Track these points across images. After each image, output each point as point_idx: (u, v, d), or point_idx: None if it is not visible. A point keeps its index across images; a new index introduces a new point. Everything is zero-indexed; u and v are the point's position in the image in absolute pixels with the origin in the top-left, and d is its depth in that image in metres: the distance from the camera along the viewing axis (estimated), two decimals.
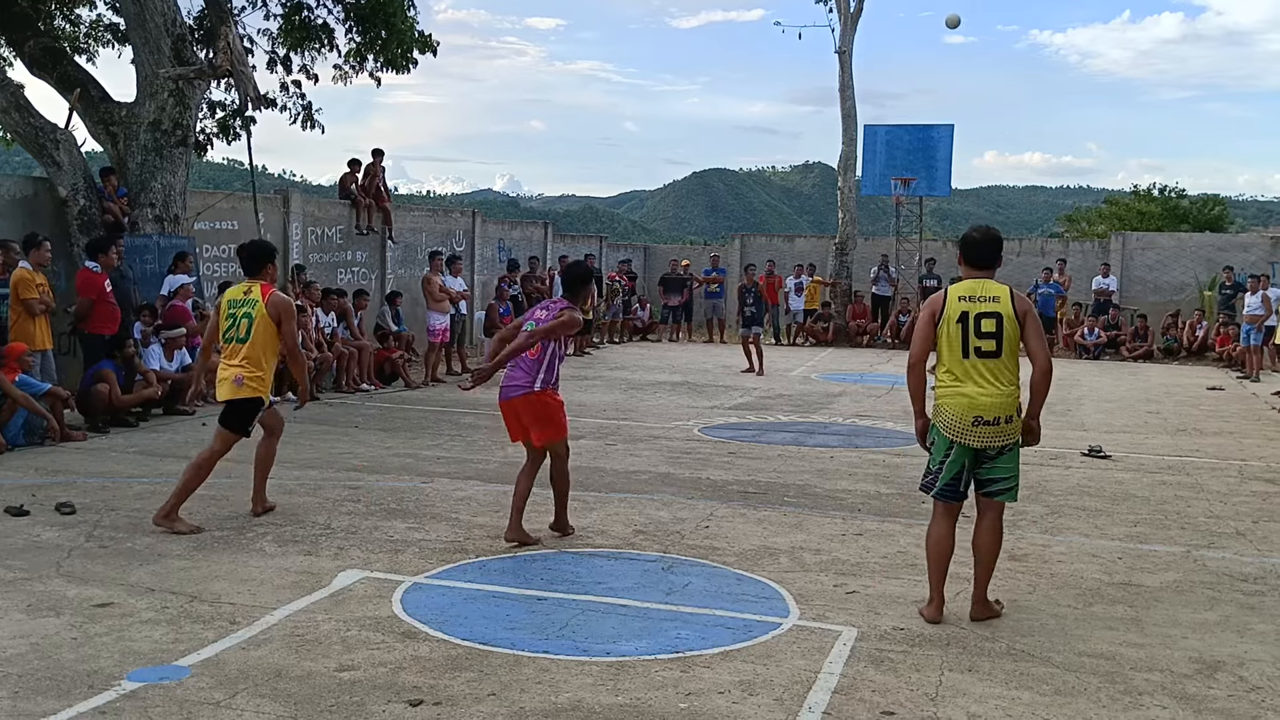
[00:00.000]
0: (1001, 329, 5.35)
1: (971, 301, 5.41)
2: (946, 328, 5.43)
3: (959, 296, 5.45)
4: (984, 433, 5.37)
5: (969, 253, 5.59)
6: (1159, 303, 23.82)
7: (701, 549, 6.75)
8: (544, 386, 6.77)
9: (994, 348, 5.36)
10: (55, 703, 4.26)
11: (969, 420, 5.37)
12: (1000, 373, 5.37)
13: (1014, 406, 5.39)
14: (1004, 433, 5.39)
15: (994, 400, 5.34)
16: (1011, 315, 5.36)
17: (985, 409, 5.34)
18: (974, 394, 5.36)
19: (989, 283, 5.48)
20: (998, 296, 5.41)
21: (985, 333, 5.36)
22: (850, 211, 25.90)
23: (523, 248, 22.80)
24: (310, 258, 16.70)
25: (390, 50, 16.01)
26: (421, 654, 4.88)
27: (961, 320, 5.39)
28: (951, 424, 5.42)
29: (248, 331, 7.09)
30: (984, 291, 5.43)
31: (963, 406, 5.38)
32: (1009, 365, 5.40)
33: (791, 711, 4.35)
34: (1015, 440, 5.46)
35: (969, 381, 5.38)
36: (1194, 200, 44.38)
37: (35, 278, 10.34)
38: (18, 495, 7.68)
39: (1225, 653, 5.15)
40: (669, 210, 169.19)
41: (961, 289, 5.49)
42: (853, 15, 25.36)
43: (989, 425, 5.36)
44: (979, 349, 5.37)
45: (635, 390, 15.09)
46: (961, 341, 5.39)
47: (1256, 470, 9.95)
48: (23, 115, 12.64)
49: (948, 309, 5.44)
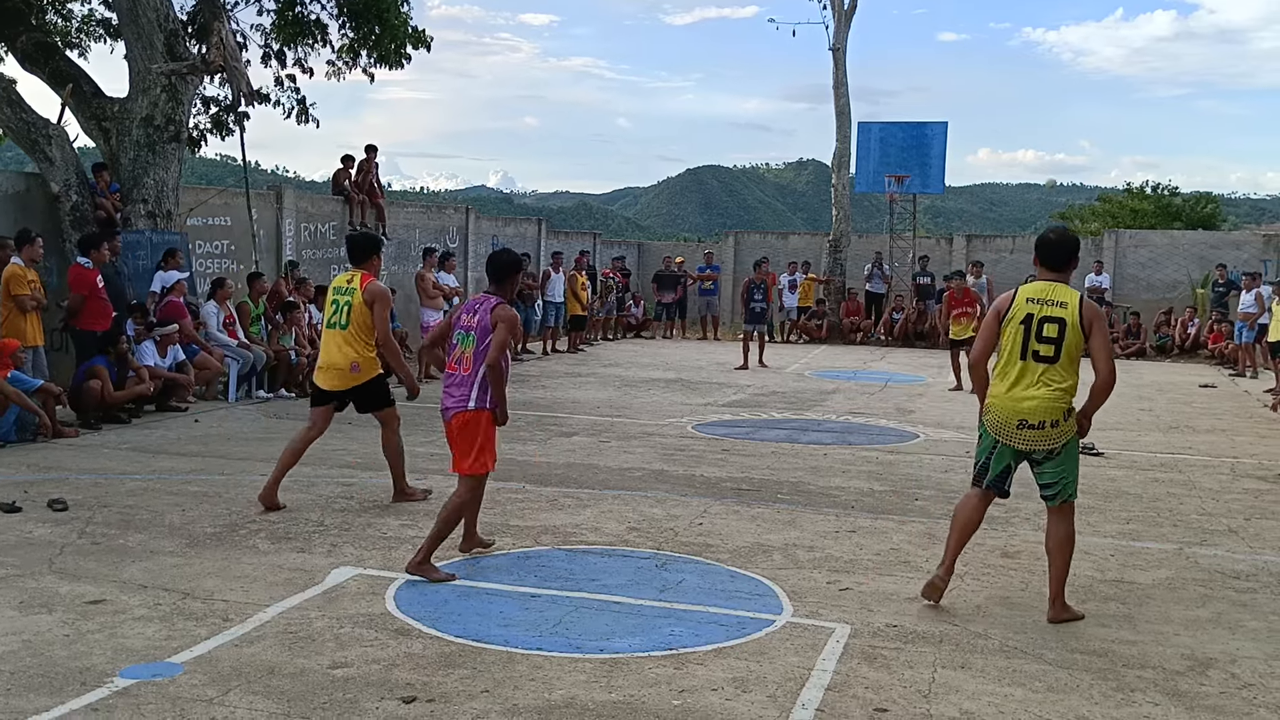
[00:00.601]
0: (1063, 335, 5.33)
1: (1039, 304, 5.39)
2: (1009, 327, 5.44)
3: (1027, 298, 5.44)
4: (1028, 436, 5.40)
5: (1044, 253, 5.53)
6: (1152, 300, 23.87)
7: (695, 546, 6.75)
8: (478, 406, 5.98)
9: (1052, 353, 5.35)
10: (48, 700, 4.25)
11: (1014, 423, 5.41)
12: (1053, 377, 5.36)
13: (1060, 411, 5.36)
14: (1049, 436, 5.38)
15: (1040, 404, 5.35)
16: (1076, 323, 5.32)
17: (1030, 412, 5.36)
18: (1021, 396, 5.39)
19: (1060, 287, 5.44)
20: (1065, 302, 5.37)
21: (1046, 337, 5.35)
22: (844, 209, 25.92)
23: (516, 244, 22.77)
24: (303, 254, 16.67)
25: (384, 46, 15.98)
26: (415, 651, 4.87)
27: (1025, 322, 5.39)
28: (997, 424, 5.47)
29: (347, 318, 7.37)
30: (1053, 295, 5.40)
31: (1008, 409, 5.42)
32: (1064, 371, 5.37)
33: (785, 708, 4.35)
34: (1062, 444, 5.42)
35: (1020, 384, 5.40)
36: (1187, 198, 44.52)
37: (27, 274, 10.31)
38: (10, 492, 7.66)
39: (1217, 649, 5.17)
40: (663, 207, 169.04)
41: (1031, 290, 5.48)
42: (847, 12, 25.37)
43: (1033, 429, 5.38)
44: (1037, 352, 5.37)
45: (629, 387, 15.09)
46: (1022, 343, 5.39)
47: (1249, 467, 9.98)
48: (14, 110, 12.60)
49: (1014, 309, 5.45)
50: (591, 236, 29.12)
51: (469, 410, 5.96)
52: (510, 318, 5.95)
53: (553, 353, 20.07)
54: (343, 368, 7.40)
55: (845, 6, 25.35)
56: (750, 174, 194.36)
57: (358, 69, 16.40)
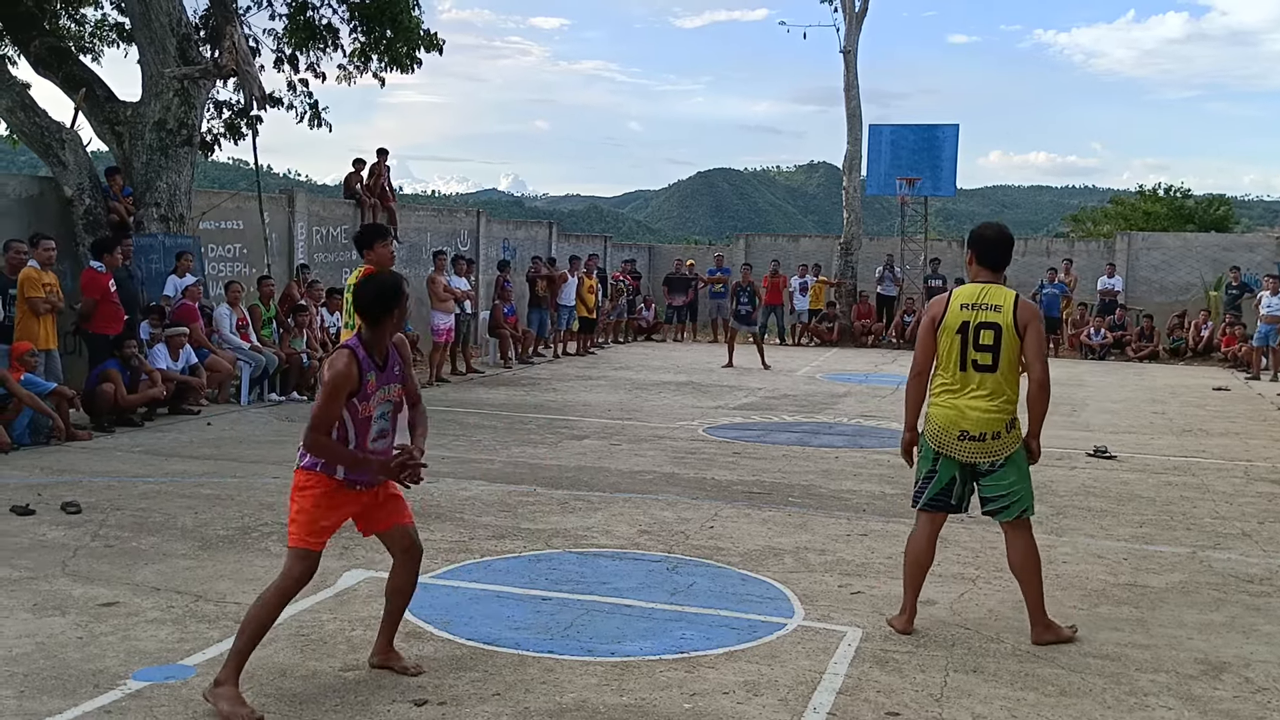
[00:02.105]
0: (1000, 341, 5.11)
1: (973, 310, 5.16)
2: (945, 337, 5.21)
3: (961, 304, 5.21)
4: (969, 447, 5.18)
5: (983, 250, 5.28)
6: (1165, 303, 23.77)
7: (706, 549, 6.74)
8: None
9: (990, 361, 5.12)
10: (61, 702, 4.26)
11: (955, 434, 5.19)
12: (995, 387, 5.14)
13: (1003, 422, 5.15)
14: (990, 449, 5.16)
15: (982, 415, 5.14)
16: (1011, 326, 5.09)
17: (972, 424, 5.15)
18: (963, 407, 5.17)
19: (993, 288, 5.20)
20: (999, 305, 5.14)
21: (983, 345, 5.13)
22: (855, 211, 25.88)
23: (527, 247, 22.81)
24: (315, 257, 16.71)
25: (395, 49, 16.02)
26: (426, 654, 4.87)
27: (961, 330, 5.17)
28: (937, 435, 5.25)
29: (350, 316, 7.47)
30: (987, 299, 5.16)
31: (950, 419, 5.20)
32: (1005, 379, 5.14)
33: (796, 712, 4.34)
34: (1007, 456, 5.19)
35: (961, 394, 5.18)
36: (1199, 200, 44.33)
37: (42, 277, 10.35)
38: (24, 494, 7.69)
39: (1231, 654, 5.14)
40: (673, 210, 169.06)
41: (964, 295, 5.24)
42: (858, 15, 25.35)
43: (974, 440, 5.16)
44: (976, 362, 5.15)
45: (640, 390, 15.09)
46: (960, 353, 5.17)
47: (1263, 471, 9.93)
48: (28, 115, 12.67)
49: (948, 317, 5.21)
50: (602, 239, 29.13)
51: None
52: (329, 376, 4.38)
53: (563, 356, 20.10)
54: None
55: (856, 9, 25.33)
56: (761, 177, 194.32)
57: (369, 73, 16.46)
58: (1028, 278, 23.77)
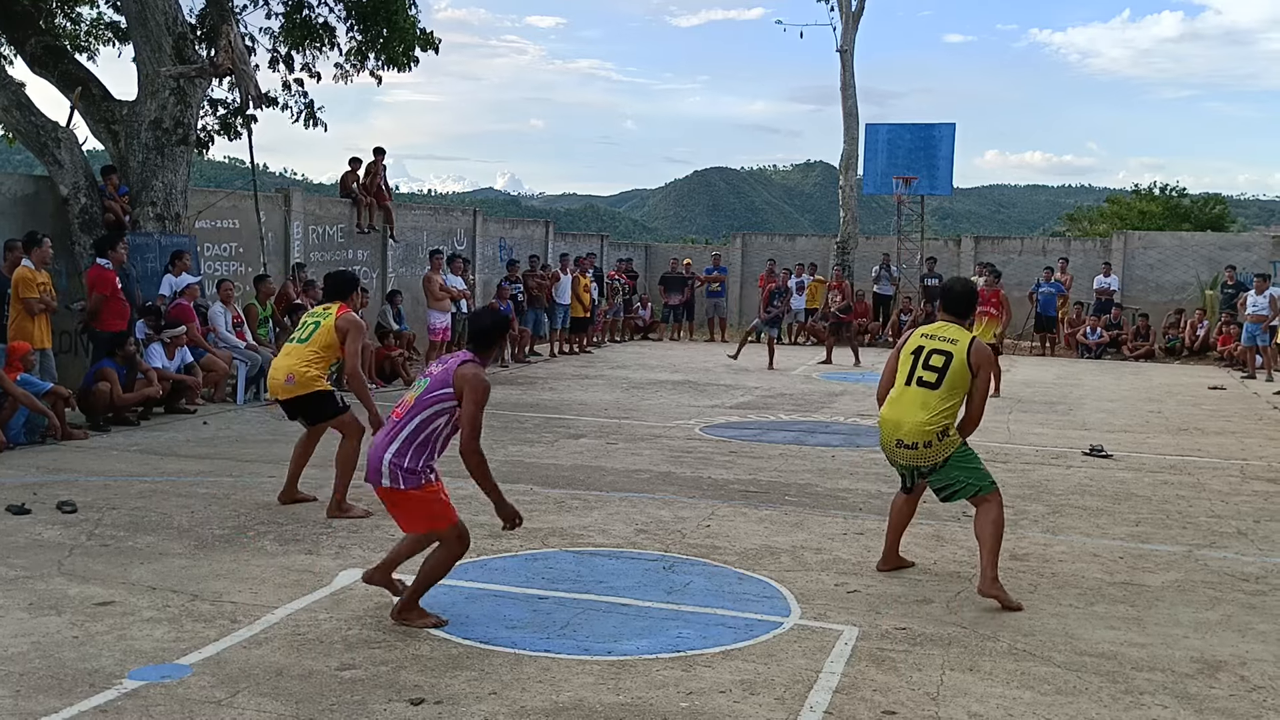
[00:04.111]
0: (948, 366, 5.73)
1: (930, 339, 5.86)
2: (902, 356, 5.91)
3: (922, 334, 5.94)
4: (904, 454, 5.85)
5: (947, 301, 6.04)
6: (1160, 302, 23.79)
7: (703, 548, 6.74)
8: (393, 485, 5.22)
9: (934, 379, 5.75)
10: (57, 701, 4.26)
11: (892, 441, 5.87)
12: (930, 402, 5.73)
13: (934, 433, 5.73)
14: (923, 455, 5.79)
15: (915, 427, 5.73)
16: (964, 357, 5.72)
17: (906, 433, 5.78)
18: (899, 418, 5.81)
19: (955, 328, 5.89)
20: (957, 340, 5.79)
21: (931, 365, 5.77)
22: (852, 210, 25.90)
23: (524, 247, 22.79)
24: (311, 256, 16.69)
25: (392, 48, 15.99)
26: (422, 653, 4.88)
27: (915, 353, 5.85)
28: (882, 441, 5.98)
29: (310, 335, 7.41)
30: (946, 333, 5.85)
31: (889, 426, 5.87)
32: (943, 398, 5.73)
33: (793, 711, 4.35)
34: (943, 459, 5.77)
35: (900, 406, 5.83)
36: (1195, 199, 44.39)
37: (37, 276, 10.34)
38: (19, 494, 7.68)
39: (1227, 652, 5.15)
40: (670, 209, 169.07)
41: (927, 328, 5.98)
42: (854, 14, 25.36)
43: (908, 449, 5.80)
44: (920, 378, 5.79)
45: (636, 389, 15.09)
46: (909, 370, 5.84)
47: (1258, 470, 9.95)
48: (24, 114, 12.64)
49: (909, 342, 5.94)
50: (599, 238, 29.11)
51: (384, 488, 5.18)
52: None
53: (560, 355, 20.10)
54: (278, 379, 7.44)
55: (852, 8, 25.34)
56: (757, 176, 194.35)
57: (365, 71, 16.43)
58: (1024, 277, 23.80)
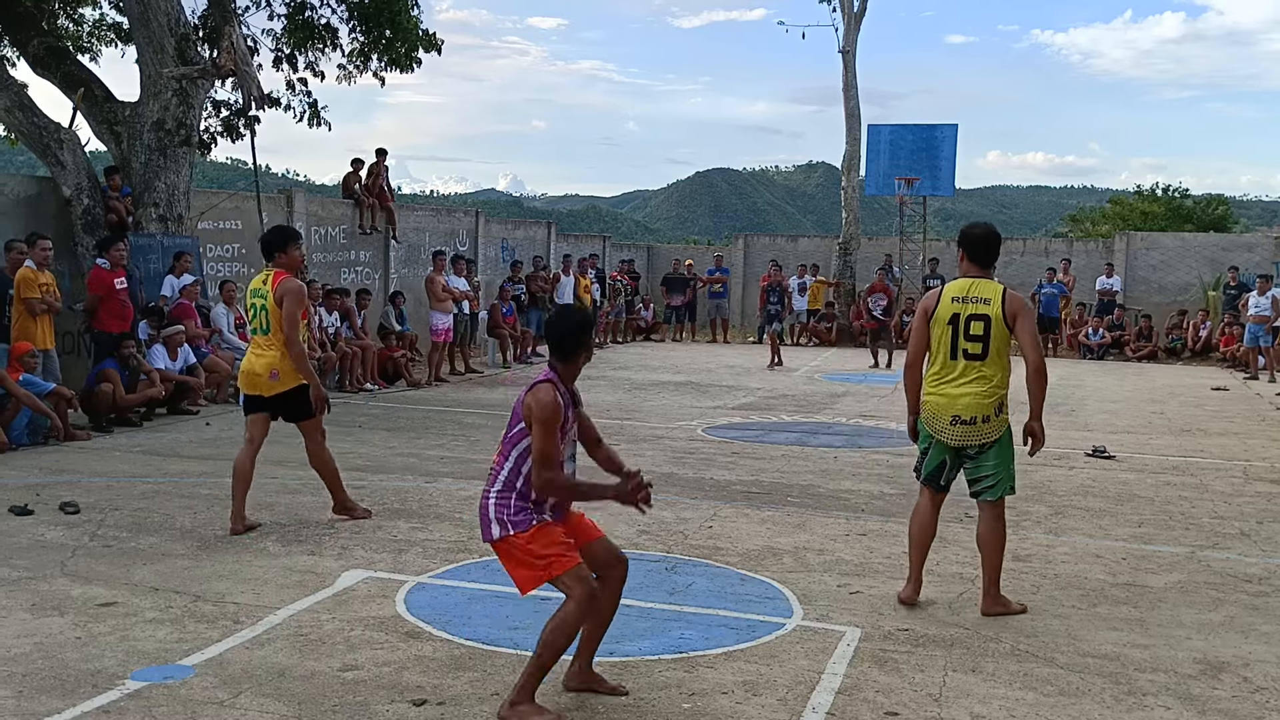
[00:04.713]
0: (989, 331, 5.44)
1: (963, 303, 5.51)
2: (938, 328, 5.56)
3: (952, 297, 5.55)
4: (960, 431, 5.51)
5: (969, 248, 5.65)
6: (1163, 303, 23.78)
7: (705, 549, 6.74)
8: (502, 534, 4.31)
9: (980, 350, 5.46)
10: (59, 702, 4.26)
11: (946, 419, 5.52)
12: (984, 374, 5.47)
13: (992, 407, 5.48)
14: (980, 432, 5.50)
15: (972, 400, 5.46)
16: (1000, 317, 5.43)
17: (963, 409, 5.48)
18: (954, 394, 5.50)
19: (983, 282, 5.55)
20: (989, 298, 5.47)
21: (973, 335, 5.47)
22: (854, 211, 25.90)
23: (526, 247, 22.80)
24: (314, 257, 16.70)
25: (394, 49, 16.00)
26: (425, 654, 4.88)
27: (952, 322, 5.51)
28: (931, 420, 5.60)
29: (266, 323, 6.95)
30: (977, 292, 5.50)
31: (942, 405, 5.53)
32: (994, 367, 5.48)
33: (795, 712, 4.34)
34: (996, 439, 5.52)
35: (952, 381, 5.52)
36: (1198, 200, 44.34)
37: (39, 277, 10.34)
38: (22, 495, 7.69)
39: (1230, 654, 5.14)
40: (672, 210, 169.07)
41: (955, 289, 5.58)
42: (856, 15, 25.36)
43: (965, 424, 5.49)
44: (966, 351, 5.49)
45: (639, 390, 15.09)
46: (951, 343, 5.51)
47: (1261, 471, 9.93)
48: (26, 115, 12.66)
49: (939, 310, 5.56)
50: (601, 239, 29.12)
51: (494, 541, 4.32)
52: None
53: None
54: (261, 374, 6.98)
55: (854, 9, 25.35)
56: (759, 176, 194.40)
57: (368, 73, 16.43)
58: (1027, 278, 23.77)
